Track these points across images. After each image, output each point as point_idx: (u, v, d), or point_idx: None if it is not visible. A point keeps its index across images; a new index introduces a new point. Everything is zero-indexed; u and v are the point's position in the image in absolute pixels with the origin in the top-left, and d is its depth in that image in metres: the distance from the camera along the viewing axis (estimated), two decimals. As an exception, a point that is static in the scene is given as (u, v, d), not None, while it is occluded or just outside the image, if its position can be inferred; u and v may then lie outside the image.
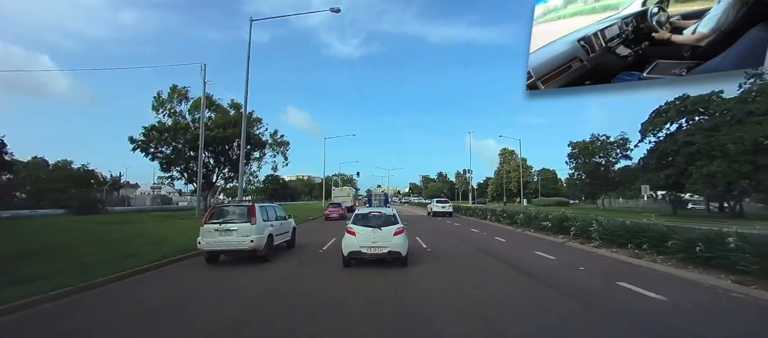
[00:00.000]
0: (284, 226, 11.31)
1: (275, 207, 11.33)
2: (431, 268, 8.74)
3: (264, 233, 9.39)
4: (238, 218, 9.22)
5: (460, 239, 15.89)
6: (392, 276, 7.76)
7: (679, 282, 7.53)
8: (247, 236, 8.98)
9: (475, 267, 9.13)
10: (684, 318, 5.33)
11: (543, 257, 10.68)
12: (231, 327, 4.91)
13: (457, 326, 4.93)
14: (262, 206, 10.22)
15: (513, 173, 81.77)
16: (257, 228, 9.17)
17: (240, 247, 8.98)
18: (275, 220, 10.50)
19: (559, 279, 7.75)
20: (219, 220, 9.18)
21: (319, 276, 8.07)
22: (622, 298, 6.33)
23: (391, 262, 8.54)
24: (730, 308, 5.94)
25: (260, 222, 9.36)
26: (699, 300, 6.24)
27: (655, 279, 7.69)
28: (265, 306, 5.99)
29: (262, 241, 9.28)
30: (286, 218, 11.62)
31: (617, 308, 5.79)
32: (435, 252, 11.46)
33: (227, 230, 9.02)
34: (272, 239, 9.88)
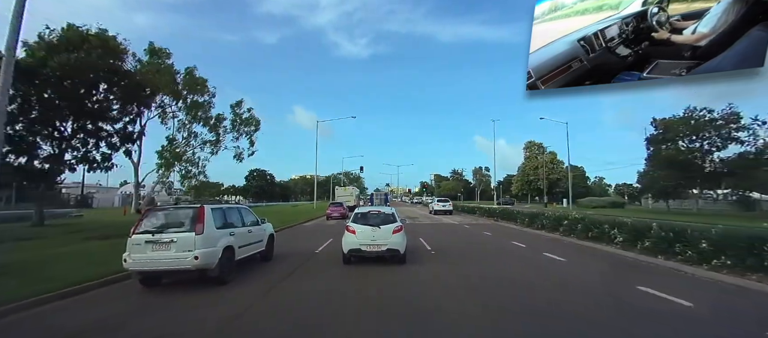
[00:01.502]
0: (255, 234, 8.70)
1: (241, 210, 8.79)
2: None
3: (217, 246, 6.93)
4: (178, 226, 6.86)
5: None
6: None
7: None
8: (189, 251, 6.57)
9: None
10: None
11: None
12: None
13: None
14: (218, 208, 7.69)
15: (542, 169, 70.07)
16: (205, 239, 6.74)
17: (179, 267, 6.59)
18: (240, 226, 8.07)
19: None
20: (154, 229, 6.84)
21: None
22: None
23: (390, 259, 8.56)
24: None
25: (211, 231, 6.91)
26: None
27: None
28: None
29: (213, 257, 6.80)
30: (258, 222, 9.10)
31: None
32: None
33: (162, 242, 6.66)
34: (233, 252, 7.41)
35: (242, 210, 8.81)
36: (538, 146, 74.48)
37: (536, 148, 74.43)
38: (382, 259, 8.54)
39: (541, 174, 69.55)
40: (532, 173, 71.84)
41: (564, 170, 66.05)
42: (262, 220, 9.50)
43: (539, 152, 73.27)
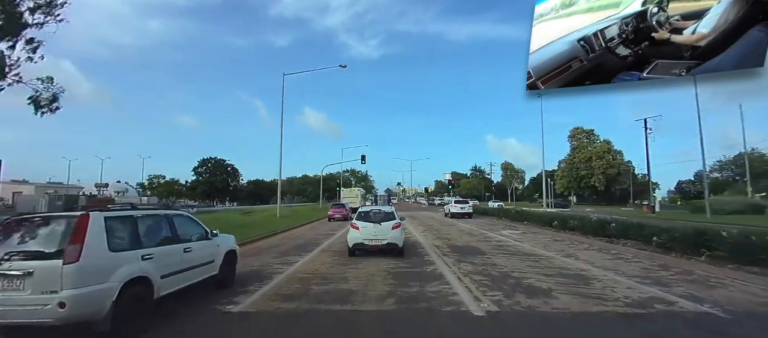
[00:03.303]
0: (197, 253, 5.87)
1: (175, 218, 5.92)
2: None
3: (109, 281, 4.06)
4: (39, 250, 4.05)
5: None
6: None
7: None
8: (51, 293, 3.72)
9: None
10: None
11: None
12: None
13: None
14: (121, 217, 4.70)
15: (596, 162, 55.17)
16: (83, 272, 3.86)
17: (32, 320, 3.73)
18: (170, 244, 5.36)
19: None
20: None
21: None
22: None
23: (389, 252, 9.14)
24: None
25: (97, 257, 4.08)
26: None
27: None
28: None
29: (99, 301, 3.95)
30: (207, 236, 6.27)
31: None
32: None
33: (8, 276, 3.82)
34: (149, 287, 4.58)
35: (176, 219, 6.00)
36: (587, 133, 58.41)
37: (585, 136, 58.28)
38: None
39: (592, 169, 55.00)
40: (584, 166, 55.89)
41: (624, 165, 55.25)
42: (214, 232, 6.63)
43: (589, 141, 58.40)
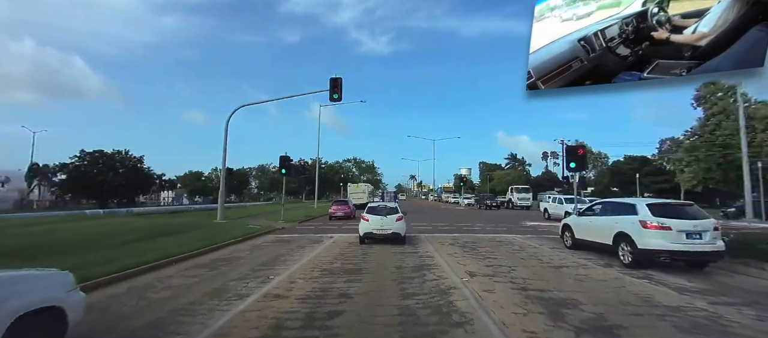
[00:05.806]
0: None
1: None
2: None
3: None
4: None
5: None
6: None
7: None
8: None
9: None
10: None
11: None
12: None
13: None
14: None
15: (762, 134, 24.81)
16: None
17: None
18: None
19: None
20: None
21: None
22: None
23: (393, 240, 10.51)
24: None
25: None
26: None
27: None
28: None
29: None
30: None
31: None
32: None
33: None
34: None
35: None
36: (725, 89, 27.99)
37: (721, 91, 28.67)
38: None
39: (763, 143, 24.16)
40: (731, 138, 26.13)
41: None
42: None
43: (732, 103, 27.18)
